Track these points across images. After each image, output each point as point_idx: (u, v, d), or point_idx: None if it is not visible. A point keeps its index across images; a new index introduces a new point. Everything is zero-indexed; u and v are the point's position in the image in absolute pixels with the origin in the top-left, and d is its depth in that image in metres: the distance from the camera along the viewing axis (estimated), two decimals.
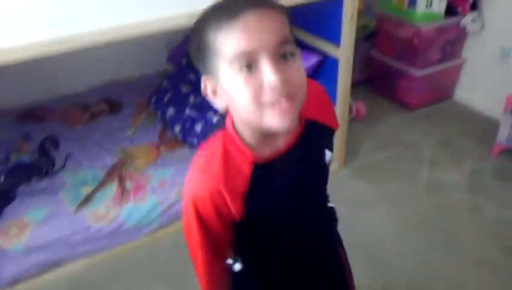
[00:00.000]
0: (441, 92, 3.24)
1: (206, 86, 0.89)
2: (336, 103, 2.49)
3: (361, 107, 3.06)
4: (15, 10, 1.57)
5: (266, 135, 0.90)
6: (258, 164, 0.92)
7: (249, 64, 0.80)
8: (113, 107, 2.80)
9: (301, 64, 0.85)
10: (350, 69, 2.41)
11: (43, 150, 2.43)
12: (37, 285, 2.00)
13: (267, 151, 0.93)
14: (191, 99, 2.53)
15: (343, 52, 2.36)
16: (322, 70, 2.53)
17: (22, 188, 2.19)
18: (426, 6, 2.87)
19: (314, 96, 1.00)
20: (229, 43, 0.80)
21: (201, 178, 0.92)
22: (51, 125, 2.65)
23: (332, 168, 2.61)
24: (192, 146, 2.39)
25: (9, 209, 2.07)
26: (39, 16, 1.60)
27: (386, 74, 3.24)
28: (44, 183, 2.23)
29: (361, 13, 3.12)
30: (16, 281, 1.97)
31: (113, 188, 2.17)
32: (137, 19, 1.73)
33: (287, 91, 0.81)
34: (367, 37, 3.30)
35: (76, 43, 1.66)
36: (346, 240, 1.34)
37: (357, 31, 3.02)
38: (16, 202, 2.11)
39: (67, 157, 2.38)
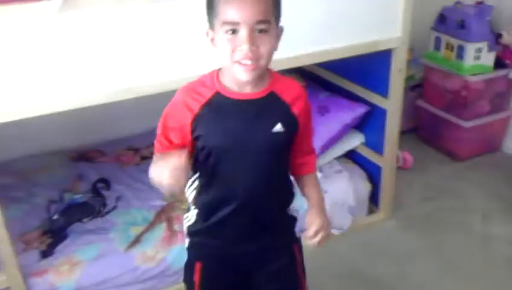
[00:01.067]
0: (489, 143, 3.19)
1: (208, 34, 1.22)
2: (383, 152, 2.49)
3: (408, 156, 3.05)
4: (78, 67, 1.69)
5: (236, 80, 1.21)
6: (219, 93, 1.24)
7: (233, 30, 1.14)
8: None
9: (273, 39, 1.17)
10: (398, 120, 2.43)
11: (95, 191, 2.51)
12: None
13: (233, 94, 1.24)
14: None
15: (391, 104, 2.38)
16: (370, 120, 2.55)
17: (74, 227, 2.25)
18: (474, 58, 2.88)
19: (289, 84, 1.32)
20: (224, 11, 1.13)
21: (184, 86, 1.29)
22: (103, 165, 2.73)
23: (377, 218, 2.61)
24: None
25: (61, 247, 2.12)
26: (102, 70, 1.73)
27: (433, 123, 3.23)
28: (95, 222, 2.28)
29: (408, 64, 3.15)
30: None
31: (161, 230, 2.21)
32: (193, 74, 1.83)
33: (252, 56, 1.14)
34: (413, 87, 3.31)
35: (134, 94, 1.81)
36: None
37: (404, 80, 3.05)
38: (68, 241, 2.16)
39: (118, 198, 2.45)
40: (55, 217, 2.32)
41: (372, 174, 2.60)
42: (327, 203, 2.37)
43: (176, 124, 1.28)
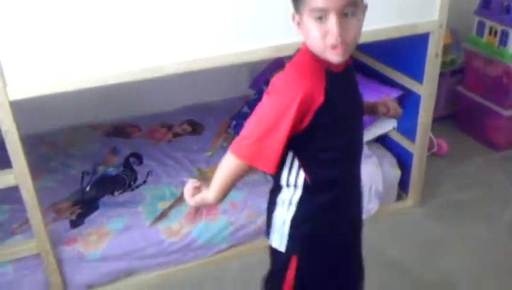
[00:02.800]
0: None
1: (294, 18, 1.23)
2: (415, 139, 2.44)
3: (443, 143, 2.97)
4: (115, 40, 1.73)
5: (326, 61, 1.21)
6: (329, 69, 1.22)
7: (321, 16, 1.14)
8: (195, 128, 2.92)
9: (359, 22, 1.18)
10: (432, 106, 2.37)
11: (127, 165, 2.58)
12: None
13: (335, 68, 1.23)
14: None
15: (426, 90, 2.32)
16: (404, 105, 2.50)
17: (105, 199, 2.33)
18: None
19: None
20: (312, 1, 1.13)
21: (296, 80, 1.20)
22: (137, 141, 2.80)
23: (406, 205, 2.58)
24: (265, 173, 2.43)
25: (92, 217, 2.21)
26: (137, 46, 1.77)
27: (472, 111, 3.13)
28: (126, 196, 2.36)
29: (449, 48, 3.06)
30: (90, 286, 2.10)
31: (187, 206, 2.25)
32: (226, 51, 1.88)
33: (342, 40, 1.15)
34: (454, 72, 3.21)
35: (168, 71, 1.83)
36: (415, 283, 1.31)
37: (445, 65, 2.97)
38: (98, 212, 2.25)
39: (148, 173, 2.51)
40: (88, 188, 2.40)
41: (403, 160, 2.56)
42: None
43: (299, 116, 1.18)
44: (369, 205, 2.45)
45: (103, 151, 2.71)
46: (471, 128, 3.18)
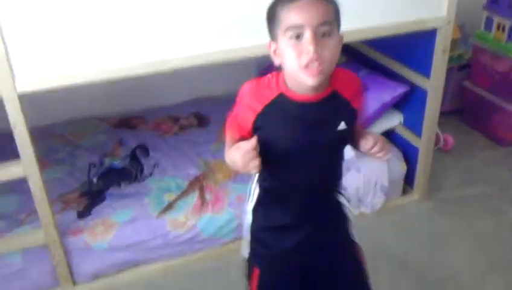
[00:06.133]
0: None
1: (270, 46, 1.22)
2: (422, 133, 2.44)
3: (450, 138, 2.97)
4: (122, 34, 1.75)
5: (301, 85, 1.19)
6: (283, 94, 1.23)
7: (298, 35, 1.12)
8: (202, 121, 2.93)
9: (336, 43, 1.15)
10: (439, 102, 2.37)
11: (134, 157, 2.59)
12: (115, 282, 2.14)
13: (298, 97, 1.22)
14: None
15: (433, 85, 2.32)
16: (410, 100, 2.50)
17: (112, 191, 2.35)
18: None
19: (348, 80, 1.30)
20: (286, 17, 1.13)
21: (248, 85, 1.28)
22: (143, 133, 2.82)
23: (411, 199, 2.58)
24: None
25: (99, 208, 2.23)
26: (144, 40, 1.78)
27: (479, 106, 3.12)
28: (132, 187, 2.37)
29: (457, 43, 3.05)
30: (96, 276, 2.12)
31: (193, 198, 2.27)
32: (233, 46, 1.90)
33: (318, 57, 1.11)
34: (461, 67, 3.20)
35: (174, 65, 1.84)
36: (419, 278, 1.32)
37: (452, 60, 2.96)
38: (105, 203, 2.26)
39: (155, 165, 2.52)
40: (95, 180, 2.42)
41: (409, 155, 2.56)
42: (360, 182, 2.39)
43: (242, 123, 1.28)
44: (375, 200, 2.45)
45: (110, 143, 2.73)
46: (478, 124, 3.17)
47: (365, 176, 2.40)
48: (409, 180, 2.58)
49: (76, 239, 2.06)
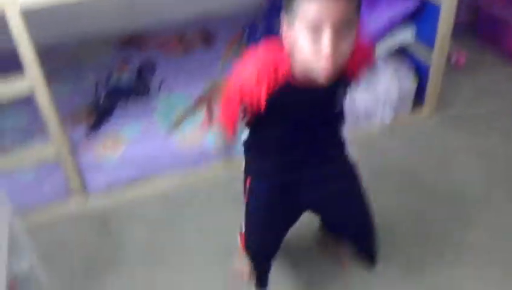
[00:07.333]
0: None
1: (283, 26, 1.14)
2: (434, 49, 2.38)
3: (462, 55, 2.90)
4: None
5: (310, 76, 1.15)
6: (290, 83, 1.19)
7: (315, 30, 1.05)
8: (208, 38, 2.87)
9: (354, 36, 1.09)
10: (452, 17, 2.28)
11: (140, 74, 2.57)
12: (128, 195, 2.18)
13: (304, 85, 1.20)
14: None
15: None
16: (422, 15, 2.42)
17: (120, 108, 2.34)
18: None
19: (362, 59, 1.28)
20: (306, 9, 1.05)
21: (254, 62, 1.21)
22: (149, 52, 2.77)
23: (421, 116, 2.56)
24: None
25: (107, 125, 2.23)
26: None
27: (493, 21, 3.03)
28: (140, 105, 2.37)
29: None
30: (109, 189, 2.16)
31: (201, 114, 2.26)
32: None
33: (333, 57, 1.06)
34: None
35: None
36: (428, 192, 1.32)
37: None
38: (113, 120, 2.27)
39: (161, 82, 2.50)
40: (102, 97, 2.40)
41: (421, 71, 2.51)
42: (370, 95, 2.36)
43: (247, 96, 1.23)
44: (384, 114, 2.44)
45: (116, 61, 2.69)
46: (492, 40, 3.08)
47: (374, 90, 2.37)
48: (419, 96, 2.55)
49: (87, 154, 2.08)
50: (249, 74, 1.20)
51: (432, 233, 1.96)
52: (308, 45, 1.07)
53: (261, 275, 1.65)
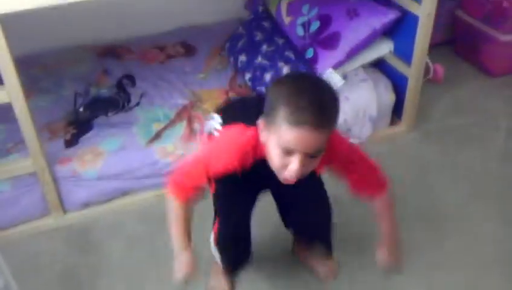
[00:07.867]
0: None
1: (260, 124, 1.25)
2: (412, 62, 2.42)
3: (440, 69, 2.94)
4: None
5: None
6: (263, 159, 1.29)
7: (288, 151, 1.17)
8: (188, 50, 2.87)
9: (323, 152, 1.21)
10: (430, 28, 2.32)
11: (120, 86, 2.55)
12: (106, 210, 2.16)
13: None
14: (264, 47, 2.54)
15: (425, 10, 2.26)
16: (401, 27, 2.45)
17: (99, 120, 2.32)
18: None
19: (336, 158, 1.39)
20: (284, 135, 1.15)
21: (227, 156, 1.33)
22: (129, 63, 2.76)
23: (399, 130, 2.59)
24: (261, 94, 2.42)
25: (86, 138, 2.21)
26: None
27: (469, 36, 3.08)
28: (119, 117, 2.35)
29: None
30: (87, 204, 2.14)
31: (181, 128, 2.26)
32: None
33: (299, 176, 1.21)
34: None
35: None
36: (403, 206, 1.34)
37: None
38: (92, 132, 2.24)
39: (142, 95, 2.49)
40: (81, 109, 2.38)
41: (398, 85, 2.54)
42: (348, 111, 2.38)
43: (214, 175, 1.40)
44: (363, 130, 2.46)
45: (95, 72, 2.67)
46: (469, 54, 3.14)
47: (354, 106, 2.39)
48: (397, 111, 2.58)
49: (65, 168, 2.05)
50: (220, 156, 1.35)
51: (405, 247, 1.98)
52: (278, 158, 1.20)
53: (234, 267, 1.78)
